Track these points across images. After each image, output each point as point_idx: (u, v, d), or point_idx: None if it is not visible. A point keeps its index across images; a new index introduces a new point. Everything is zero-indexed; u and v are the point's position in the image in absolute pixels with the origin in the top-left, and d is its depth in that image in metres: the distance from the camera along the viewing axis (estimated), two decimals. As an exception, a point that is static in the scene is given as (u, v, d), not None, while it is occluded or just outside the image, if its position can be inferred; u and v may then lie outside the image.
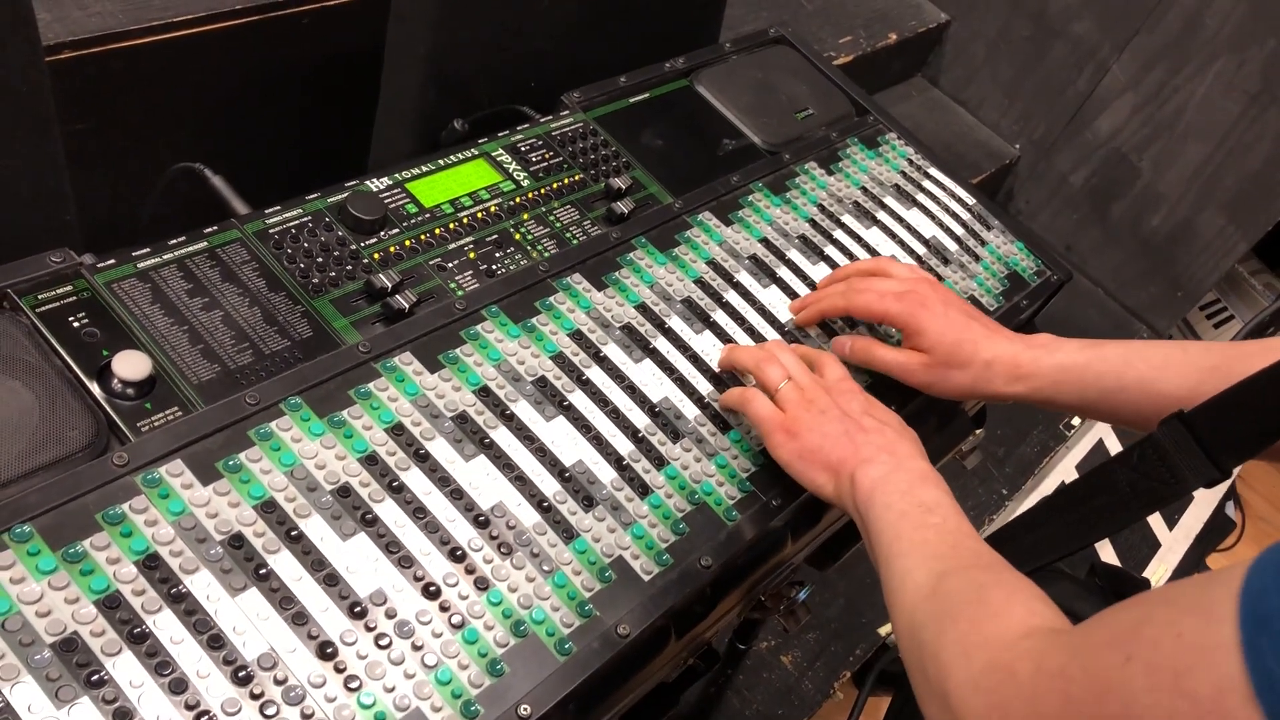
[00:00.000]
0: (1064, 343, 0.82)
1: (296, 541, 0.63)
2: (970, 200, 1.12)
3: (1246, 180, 2.28)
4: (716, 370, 0.84)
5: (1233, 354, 0.73)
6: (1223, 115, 2.26)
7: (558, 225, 0.89)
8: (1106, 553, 2.16)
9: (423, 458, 0.70)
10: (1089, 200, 2.54)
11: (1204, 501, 2.35)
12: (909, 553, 0.65)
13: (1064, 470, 2.26)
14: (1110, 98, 2.41)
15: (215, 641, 0.58)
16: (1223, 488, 2.36)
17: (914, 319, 0.83)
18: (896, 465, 0.72)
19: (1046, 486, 2.20)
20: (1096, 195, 2.52)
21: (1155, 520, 2.24)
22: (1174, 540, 2.28)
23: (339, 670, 0.59)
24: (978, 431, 1.06)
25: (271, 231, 0.78)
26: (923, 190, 1.11)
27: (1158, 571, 2.19)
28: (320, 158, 1.33)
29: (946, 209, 1.10)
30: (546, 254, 0.87)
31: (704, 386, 0.83)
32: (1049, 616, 0.56)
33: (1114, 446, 2.28)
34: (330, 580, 0.62)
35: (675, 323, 0.86)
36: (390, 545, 0.65)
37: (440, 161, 0.89)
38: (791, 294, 0.94)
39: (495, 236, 0.86)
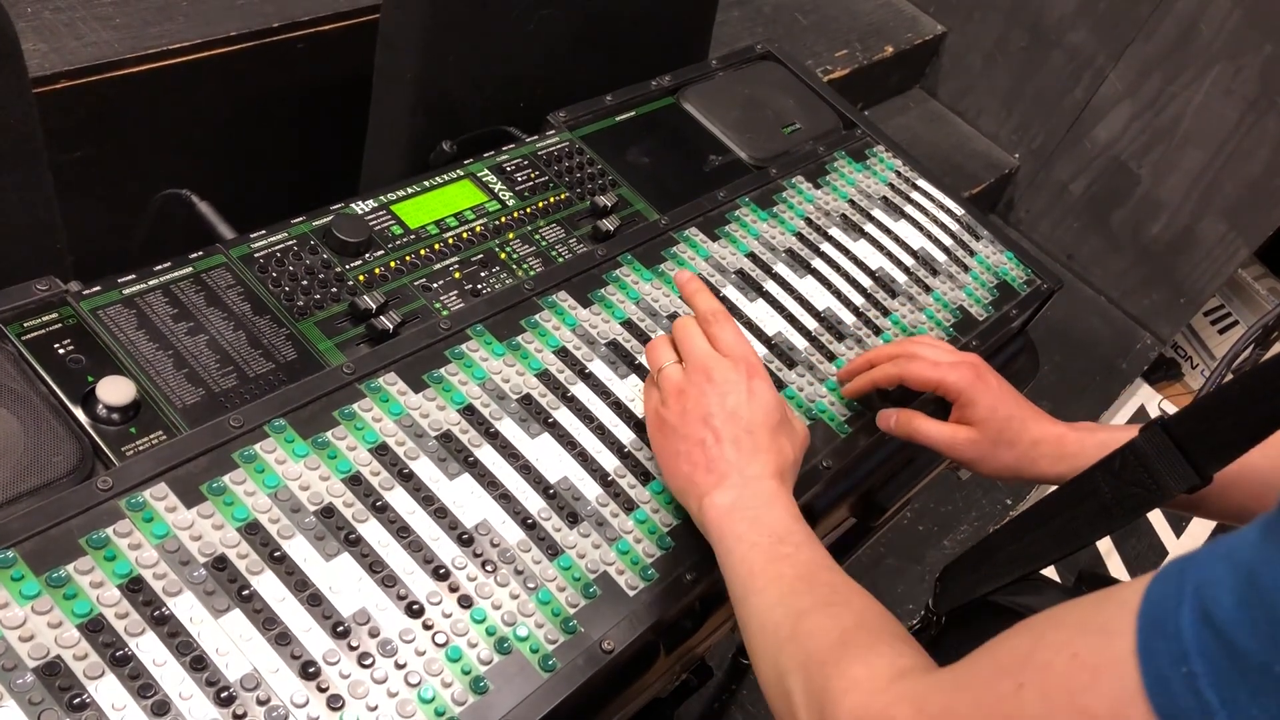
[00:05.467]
0: (1109, 425, 0.81)
1: (280, 562, 0.63)
2: (959, 211, 1.13)
3: (1246, 186, 2.28)
4: None
5: None
6: (1221, 121, 2.26)
7: (543, 244, 0.90)
8: (1114, 562, 2.15)
9: (407, 477, 0.70)
10: (1089, 208, 2.54)
11: (1212, 508, 2.33)
12: (765, 589, 0.63)
13: (1070, 479, 2.24)
14: (1108, 106, 2.41)
15: (198, 663, 0.58)
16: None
17: (971, 389, 0.82)
18: (743, 486, 0.69)
19: (1052, 496, 2.18)
20: (1097, 203, 2.52)
21: (1163, 527, 2.23)
22: (1181, 547, 2.27)
23: (322, 690, 0.59)
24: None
25: (257, 255, 0.79)
26: (911, 202, 1.11)
27: (1166, 580, 2.17)
28: (313, 182, 1.34)
29: (935, 220, 1.10)
30: (532, 273, 0.87)
31: (690, 401, 0.83)
32: (915, 657, 0.55)
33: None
34: (313, 600, 0.62)
35: (661, 338, 0.87)
36: (374, 565, 0.65)
37: (426, 183, 0.90)
38: (778, 307, 0.94)
39: (480, 256, 0.87)
